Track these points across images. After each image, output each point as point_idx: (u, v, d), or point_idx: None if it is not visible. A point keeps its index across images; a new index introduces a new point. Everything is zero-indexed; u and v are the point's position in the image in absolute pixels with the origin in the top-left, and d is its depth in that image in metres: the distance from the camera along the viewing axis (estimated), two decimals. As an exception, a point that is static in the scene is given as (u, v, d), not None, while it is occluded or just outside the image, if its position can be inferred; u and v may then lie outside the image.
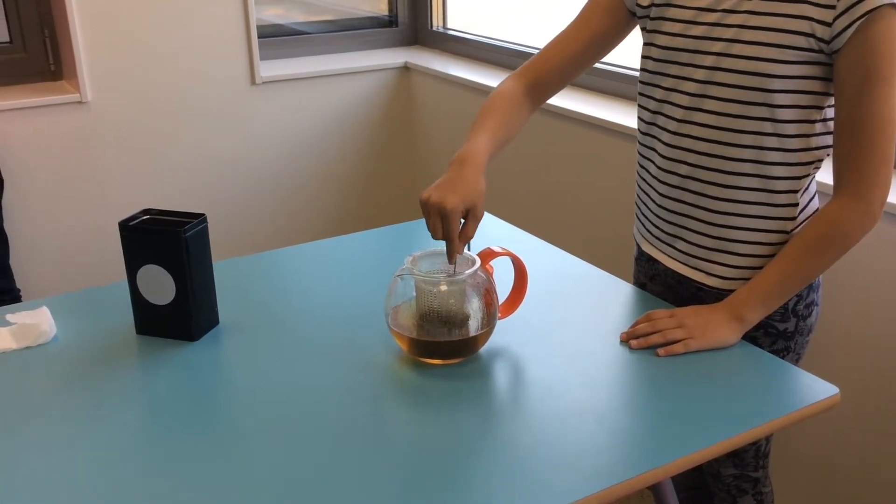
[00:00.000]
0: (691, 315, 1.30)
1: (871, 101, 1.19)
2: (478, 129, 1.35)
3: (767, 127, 1.26)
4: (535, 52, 2.75)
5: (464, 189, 1.23)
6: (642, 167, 1.45)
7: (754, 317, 1.30)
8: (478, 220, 1.24)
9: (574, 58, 1.44)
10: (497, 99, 1.41)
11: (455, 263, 1.24)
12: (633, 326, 1.33)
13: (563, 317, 1.40)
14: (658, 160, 1.39)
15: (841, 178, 1.26)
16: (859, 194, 1.24)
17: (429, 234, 1.23)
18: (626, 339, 1.31)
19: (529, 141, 2.58)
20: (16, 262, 2.64)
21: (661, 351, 1.27)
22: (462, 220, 1.23)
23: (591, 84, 2.54)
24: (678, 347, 1.27)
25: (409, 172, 3.36)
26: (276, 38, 3.17)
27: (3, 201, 2.54)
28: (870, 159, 1.22)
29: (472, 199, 1.22)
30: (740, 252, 1.35)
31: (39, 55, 2.77)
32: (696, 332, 1.28)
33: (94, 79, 2.70)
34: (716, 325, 1.29)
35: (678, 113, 1.33)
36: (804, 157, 1.29)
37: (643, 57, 1.40)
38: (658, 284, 1.52)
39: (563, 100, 2.45)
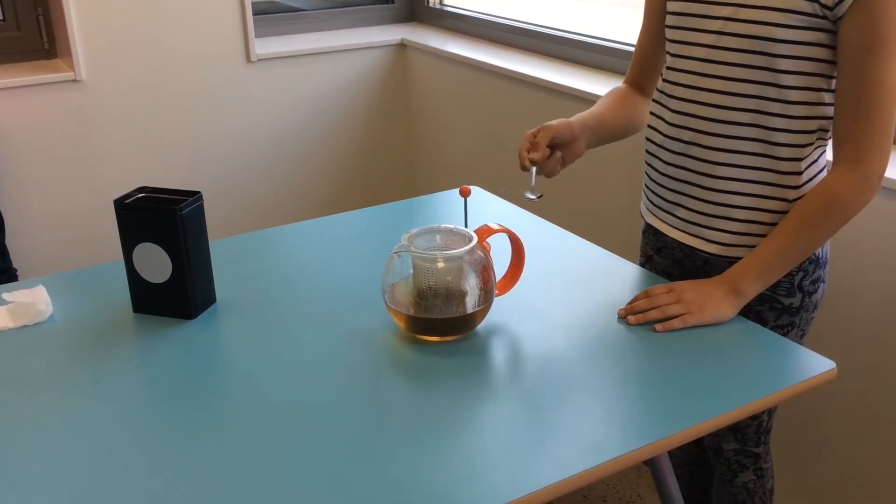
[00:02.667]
0: (689, 290, 1.30)
1: (872, 69, 1.19)
2: (596, 106, 1.52)
3: (771, 92, 1.26)
4: (535, 28, 2.74)
5: (576, 126, 1.43)
6: (650, 136, 1.45)
7: (752, 290, 1.30)
8: (575, 155, 1.43)
9: (649, 51, 1.52)
10: (613, 93, 1.57)
11: (529, 173, 1.39)
12: (631, 302, 1.33)
13: (561, 293, 1.40)
14: (664, 127, 1.40)
15: (840, 148, 1.25)
16: (857, 165, 1.23)
17: (426, 214, 1.24)
18: (623, 315, 1.31)
19: (527, 117, 2.57)
20: (11, 241, 2.63)
21: (658, 326, 1.27)
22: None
23: (594, 61, 2.53)
24: (676, 323, 1.27)
25: (405, 150, 3.35)
26: (270, 14, 3.15)
27: (-1, 181, 2.53)
28: (869, 129, 1.22)
29: (577, 134, 1.42)
30: (740, 218, 1.35)
31: (33, 33, 2.75)
32: (694, 308, 1.28)
33: (89, 57, 2.68)
34: (713, 300, 1.29)
35: (685, 78, 1.34)
36: (809, 125, 1.29)
37: (666, 27, 1.41)
38: (665, 257, 1.53)
39: (560, 75, 2.43)
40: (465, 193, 1.41)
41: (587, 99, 2.30)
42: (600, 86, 2.32)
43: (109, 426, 1.08)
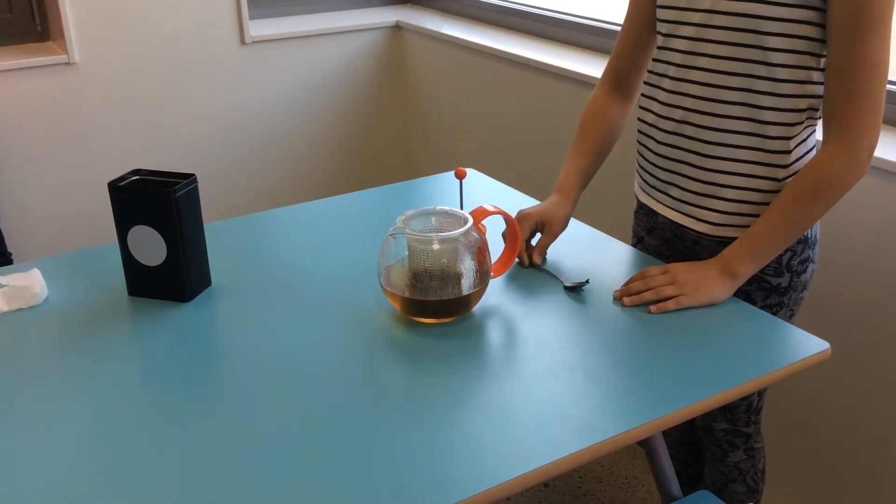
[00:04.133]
0: (684, 271, 1.31)
1: (861, 45, 1.18)
2: (572, 154, 1.53)
3: (760, 70, 1.26)
4: (529, 10, 2.73)
5: (544, 207, 1.45)
6: (642, 117, 1.45)
7: (746, 271, 1.30)
8: (553, 235, 1.44)
9: (639, 38, 1.49)
10: (586, 115, 1.55)
11: (523, 265, 1.43)
12: (626, 284, 1.33)
13: (556, 275, 1.40)
14: (656, 107, 1.40)
15: (830, 125, 1.25)
16: (847, 142, 1.23)
17: (421, 196, 1.24)
18: (619, 297, 1.31)
19: (522, 99, 2.57)
20: (6, 225, 2.62)
21: (653, 308, 1.27)
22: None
23: (591, 43, 2.52)
24: (670, 304, 1.27)
25: (401, 133, 3.34)
26: (265, -4, 3.13)
27: (-7, 164, 2.52)
28: (859, 106, 1.21)
29: (549, 216, 1.44)
30: (730, 198, 1.35)
31: (26, 16, 2.73)
32: (688, 289, 1.28)
33: (82, 39, 2.67)
34: (708, 282, 1.29)
35: (677, 57, 1.34)
36: (798, 103, 1.29)
37: (658, 6, 1.40)
38: (656, 238, 1.53)
39: (555, 57, 2.42)
40: (460, 175, 1.41)
41: (584, 81, 2.29)
42: (597, 68, 2.31)
43: (105, 408, 1.08)
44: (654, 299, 1.29)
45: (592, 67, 2.32)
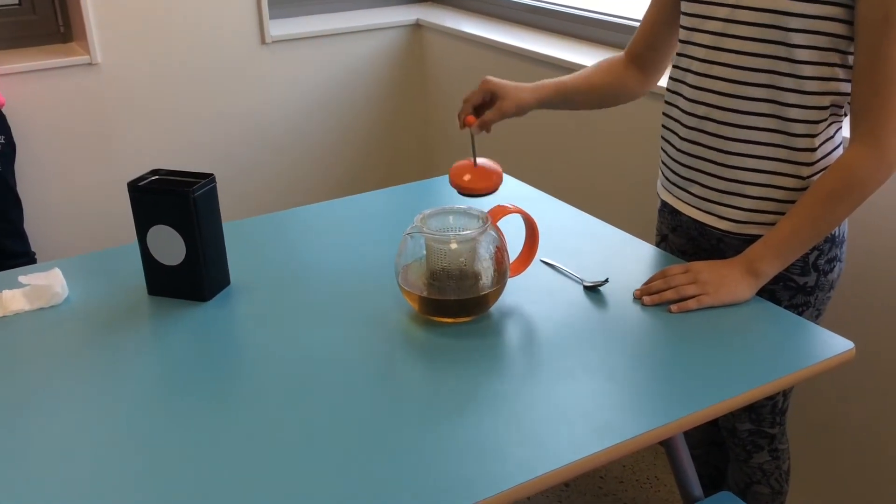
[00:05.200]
0: (705, 270, 1.29)
1: (889, 46, 1.16)
2: (565, 76, 1.50)
3: (784, 67, 1.24)
4: (551, 7, 2.71)
5: (507, 84, 1.40)
6: (668, 112, 1.44)
7: (770, 271, 1.29)
8: (500, 112, 1.38)
9: (654, 23, 1.49)
10: (600, 62, 1.55)
11: (462, 128, 1.39)
12: (647, 283, 1.31)
13: (575, 274, 1.39)
14: (682, 102, 1.39)
15: (857, 125, 1.23)
16: (874, 142, 1.21)
17: (440, 195, 1.24)
18: (639, 296, 1.30)
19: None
20: (29, 224, 2.65)
21: (673, 307, 1.26)
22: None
23: (611, 39, 2.50)
24: (691, 304, 1.26)
25: (420, 132, 3.33)
26: (285, -4, 3.14)
27: (16, 165, 2.54)
28: (886, 106, 1.19)
29: (506, 93, 1.39)
30: (754, 195, 1.33)
31: (48, 17, 2.75)
32: (710, 288, 1.27)
33: (104, 40, 2.68)
34: (730, 281, 1.28)
35: (700, 52, 1.33)
36: (822, 100, 1.27)
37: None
38: (680, 236, 1.51)
39: (577, 54, 2.41)
40: (470, 123, 1.40)
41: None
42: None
43: (125, 407, 1.09)
44: (674, 298, 1.27)
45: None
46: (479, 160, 1.36)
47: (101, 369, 1.17)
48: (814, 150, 1.29)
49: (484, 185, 1.33)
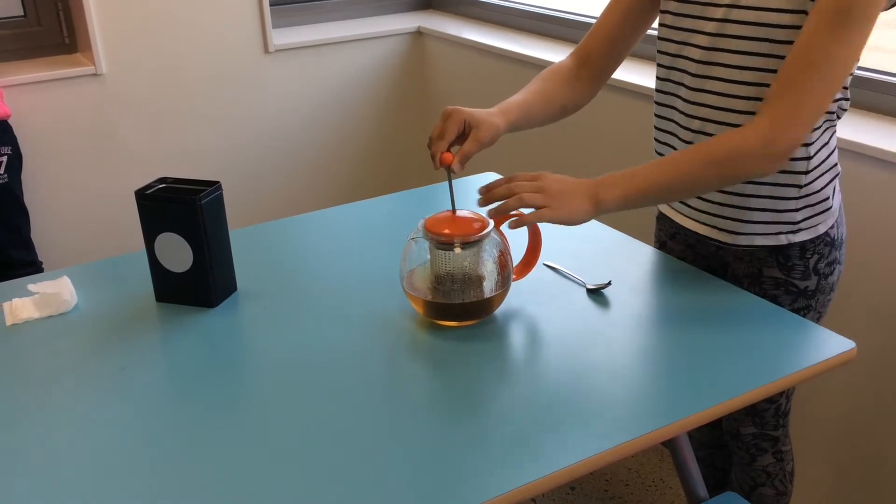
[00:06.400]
0: (555, 181, 1.21)
1: (828, 37, 1.13)
2: (520, 92, 1.41)
3: (773, 78, 1.24)
4: (552, 14, 2.73)
5: (476, 111, 1.29)
6: (661, 127, 1.43)
7: (611, 204, 1.21)
8: (479, 142, 1.26)
9: (617, 27, 1.43)
10: (546, 70, 1.47)
11: (438, 167, 1.25)
12: (488, 186, 1.23)
13: (578, 276, 1.40)
14: (677, 116, 1.38)
15: (766, 104, 1.19)
16: (771, 128, 1.17)
17: (443, 201, 1.24)
18: (483, 203, 1.22)
19: (544, 103, 2.56)
20: (36, 234, 2.67)
21: (511, 224, 1.19)
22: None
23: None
24: (531, 217, 1.18)
25: (423, 139, 3.35)
26: (287, 4, 3.16)
27: (22, 175, 2.56)
28: (803, 97, 1.16)
29: (479, 119, 1.28)
30: (753, 206, 1.33)
31: (53, 28, 2.78)
32: (554, 202, 1.18)
33: (109, 50, 2.70)
34: (573, 199, 1.19)
35: (692, 67, 1.32)
36: None
37: (661, 12, 1.38)
38: (678, 243, 1.52)
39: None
40: (446, 162, 1.26)
41: (609, 84, 2.28)
42: (620, 70, 2.30)
43: (133, 412, 1.10)
44: (516, 206, 1.18)
45: (625, 73, 2.31)
46: (460, 212, 1.26)
47: (109, 375, 1.18)
48: (809, 158, 1.30)
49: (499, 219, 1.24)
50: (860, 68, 1.84)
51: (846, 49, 1.14)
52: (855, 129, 1.72)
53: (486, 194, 1.21)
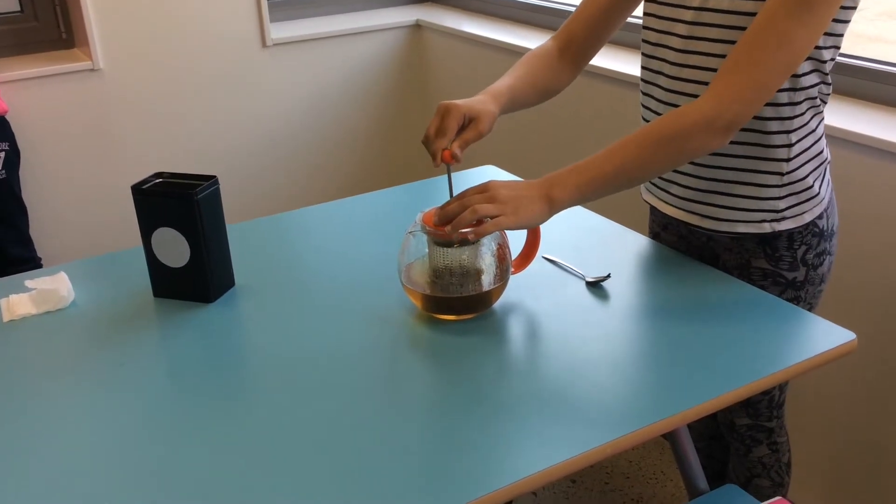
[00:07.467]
0: (504, 188, 1.19)
1: (783, 17, 1.12)
2: (506, 76, 1.41)
3: None
4: (551, 6, 2.72)
5: (471, 101, 1.29)
6: (643, 116, 1.44)
7: (564, 200, 1.19)
8: (479, 132, 1.27)
9: (600, 13, 1.43)
10: (528, 54, 1.46)
11: (439, 164, 1.24)
12: (443, 207, 1.21)
13: (576, 269, 1.39)
14: (654, 104, 1.38)
15: (717, 78, 1.18)
16: (719, 101, 1.15)
17: (441, 195, 1.22)
18: (436, 225, 1.21)
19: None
20: (35, 230, 2.66)
21: (471, 235, 1.18)
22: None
23: (613, 38, 2.50)
24: (489, 227, 1.16)
25: (422, 131, 3.34)
26: (285, -1, 3.15)
27: (20, 171, 2.56)
28: (743, 74, 1.15)
29: (477, 110, 1.28)
30: (735, 193, 1.33)
31: (50, 24, 2.77)
32: (509, 209, 1.17)
33: (106, 46, 2.70)
34: (526, 202, 1.18)
35: (671, 55, 1.32)
36: (795, 96, 1.26)
37: (645, 0, 1.38)
38: (671, 234, 1.52)
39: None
40: (448, 159, 1.26)
41: (609, 77, 2.28)
42: (620, 62, 2.30)
43: (131, 408, 1.10)
44: (471, 219, 1.16)
45: (618, 63, 2.31)
46: None
47: (107, 371, 1.18)
48: (790, 145, 1.29)
49: (463, 234, 1.20)
50: (861, 58, 1.83)
51: (802, 29, 1.13)
52: (857, 120, 1.71)
53: (441, 213, 1.20)
